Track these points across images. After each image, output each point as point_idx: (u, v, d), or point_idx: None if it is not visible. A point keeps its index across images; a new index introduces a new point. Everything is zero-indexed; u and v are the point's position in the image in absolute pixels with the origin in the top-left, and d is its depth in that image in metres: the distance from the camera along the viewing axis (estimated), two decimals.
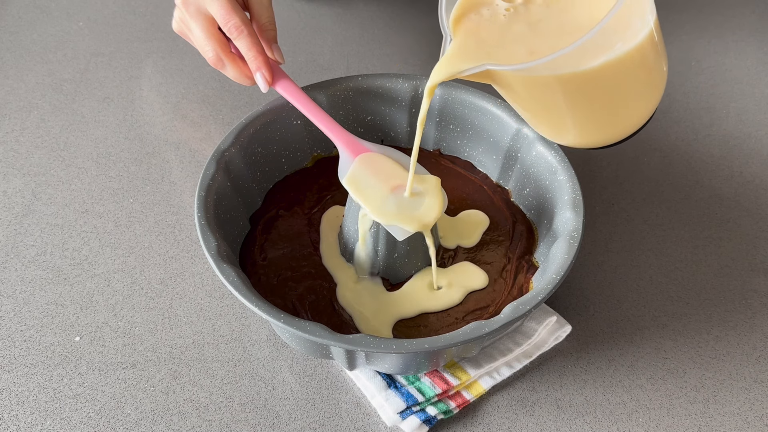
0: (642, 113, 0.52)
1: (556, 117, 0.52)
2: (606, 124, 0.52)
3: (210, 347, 0.57)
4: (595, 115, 0.51)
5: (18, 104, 0.76)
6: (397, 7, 0.91)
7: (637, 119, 0.52)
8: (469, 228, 0.62)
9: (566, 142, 0.56)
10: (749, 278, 0.64)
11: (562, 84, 0.47)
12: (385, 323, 0.55)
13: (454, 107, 0.65)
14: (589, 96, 0.49)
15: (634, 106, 0.51)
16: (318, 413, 0.54)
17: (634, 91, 0.50)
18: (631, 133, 0.53)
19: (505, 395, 0.55)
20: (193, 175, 0.70)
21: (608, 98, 0.49)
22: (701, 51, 0.87)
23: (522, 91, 0.50)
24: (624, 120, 0.52)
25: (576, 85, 0.47)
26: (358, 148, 0.58)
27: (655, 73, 0.50)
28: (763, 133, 0.77)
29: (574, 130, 0.53)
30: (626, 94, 0.50)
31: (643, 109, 0.52)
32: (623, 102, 0.51)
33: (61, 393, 0.54)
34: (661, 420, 0.54)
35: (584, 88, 0.48)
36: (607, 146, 0.54)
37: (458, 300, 0.57)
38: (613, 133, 0.53)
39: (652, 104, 0.52)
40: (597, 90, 0.48)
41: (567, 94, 0.48)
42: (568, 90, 0.48)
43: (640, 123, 0.53)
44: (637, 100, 0.51)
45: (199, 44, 0.61)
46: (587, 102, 0.49)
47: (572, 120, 0.51)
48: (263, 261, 0.59)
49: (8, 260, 0.62)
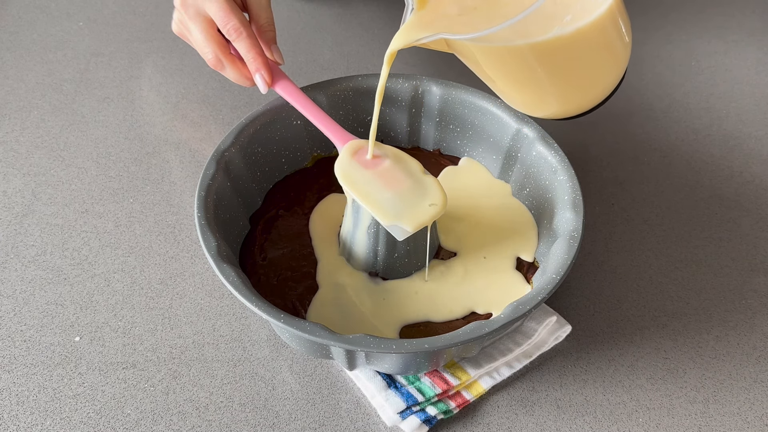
0: (605, 84, 0.52)
1: (517, 87, 0.53)
2: (567, 95, 0.53)
3: (210, 347, 0.57)
4: (555, 87, 0.52)
5: (18, 104, 0.76)
6: (397, 7, 0.91)
7: (601, 90, 0.53)
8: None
9: (533, 113, 0.57)
10: (749, 278, 0.64)
11: (517, 55, 0.48)
12: (389, 326, 0.55)
13: (454, 107, 0.65)
14: (545, 67, 0.49)
15: (594, 78, 0.52)
16: (318, 413, 0.54)
17: (592, 63, 0.51)
18: (596, 103, 0.54)
19: (505, 395, 0.55)
20: (193, 175, 0.70)
21: (565, 70, 0.50)
22: (701, 51, 0.87)
23: (482, 61, 0.51)
24: (585, 91, 0.53)
25: (531, 55, 0.48)
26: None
27: (616, 47, 0.51)
28: (763, 133, 0.77)
29: (538, 101, 0.53)
30: (584, 66, 0.51)
31: (606, 79, 0.52)
32: (582, 74, 0.51)
33: (61, 393, 0.54)
34: (661, 420, 0.54)
35: (540, 59, 0.48)
36: (575, 116, 0.54)
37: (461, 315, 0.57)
38: (575, 104, 0.53)
39: (614, 75, 0.52)
40: (553, 61, 0.49)
41: (522, 65, 0.49)
42: (523, 61, 0.49)
43: (604, 94, 0.53)
44: (597, 72, 0.51)
45: (198, 46, 0.61)
46: (545, 73, 0.50)
47: (533, 90, 0.52)
48: (263, 261, 0.59)
49: (8, 260, 0.62)
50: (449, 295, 0.57)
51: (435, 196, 0.54)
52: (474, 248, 0.60)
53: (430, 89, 0.65)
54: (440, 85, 0.65)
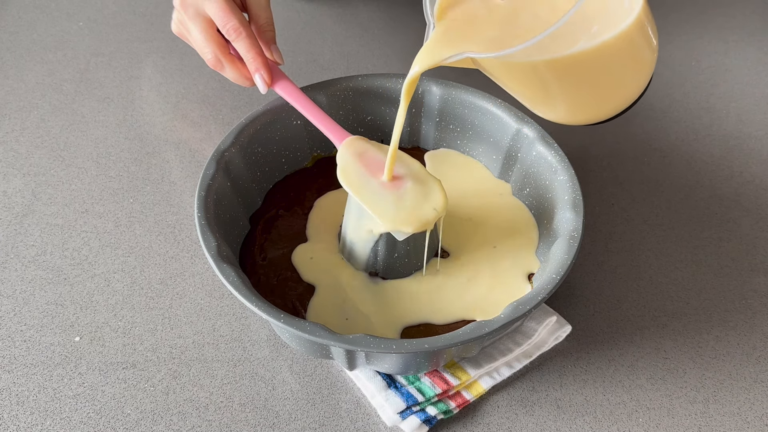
0: (633, 91, 0.52)
1: (542, 98, 0.52)
2: (594, 105, 0.52)
3: (210, 347, 0.57)
4: (581, 97, 0.51)
5: (18, 104, 0.76)
6: (397, 7, 0.91)
7: (629, 97, 0.52)
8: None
9: (558, 120, 0.56)
10: (749, 278, 0.64)
11: (542, 70, 0.47)
12: (389, 326, 0.55)
13: (454, 107, 0.65)
14: (571, 80, 0.49)
15: (622, 87, 0.51)
16: (318, 413, 0.54)
17: (620, 74, 0.50)
18: (624, 108, 0.53)
19: (505, 395, 0.55)
20: (193, 175, 0.70)
21: (592, 82, 0.49)
22: (701, 51, 0.87)
23: (506, 76, 0.51)
24: (613, 100, 0.52)
25: (556, 70, 0.47)
26: None
27: (644, 55, 0.50)
28: (763, 133, 0.77)
29: (562, 111, 0.53)
30: (611, 77, 0.50)
31: (634, 87, 0.52)
32: (610, 85, 0.51)
33: (61, 393, 0.54)
34: (661, 420, 0.54)
35: (565, 73, 0.48)
36: (601, 122, 0.54)
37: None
38: (603, 112, 0.53)
39: (641, 82, 0.52)
40: (579, 74, 0.48)
41: (548, 79, 0.49)
42: (549, 75, 0.48)
43: (633, 99, 0.53)
44: (625, 82, 0.51)
45: (197, 46, 0.61)
46: (570, 85, 0.49)
47: (558, 101, 0.52)
48: (263, 261, 0.59)
49: (8, 260, 0.62)
50: (449, 296, 0.57)
51: (436, 199, 0.54)
52: (474, 248, 0.60)
53: (430, 89, 0.65)
54: (440, 85, 0.65)
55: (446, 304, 0.57)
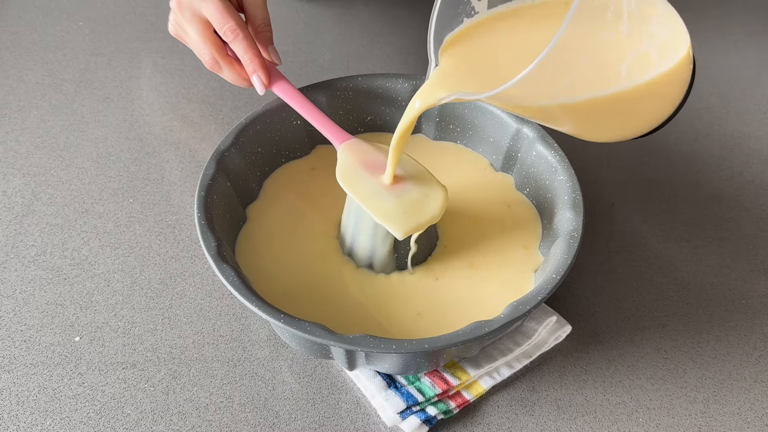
0: (657, 118, 0.48)
1: (561, 128, 0.50)
2: (612, 133, 0.49)
3: (210, 347, 0.57)
4: (597, 132, 0.48)
5: (18, 104, 0.76)
6: (397, 7, 0.91)
7: (655, 122, 0.49)
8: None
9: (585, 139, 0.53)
10: (749, 278, 0.63)
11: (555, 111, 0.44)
12: (391, 321, 0.55)
13: (454, 107, 0.65)
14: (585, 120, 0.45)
15: (642, 121, 0.48)
16: (318, 413, 0.54)
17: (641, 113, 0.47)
18: (656, 126, 0.49)
19: (505, 395, 0.55)
20: (193, 175, 0.70)
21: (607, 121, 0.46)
22: (701, 51, 0.87)
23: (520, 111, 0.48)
24: (631, 130, 0.48)
25: (566, 113, 0.44)
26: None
27: (677, 88, 0.46)
28: (763, 133, 0.77)
29: (584, 135, 0.50)
30: (629, 118, 0.47)
31: (658, 116, 0.48)
32: (627, 123, 0.47)
33: (61, 393, 0.54)
34: (661, 420, 0.54)
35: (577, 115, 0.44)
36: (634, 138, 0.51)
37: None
38: (629, 135, 0.49)
39: (669, 109, 0.48)
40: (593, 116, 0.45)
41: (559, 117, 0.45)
42: (560, 115, 0.45)
43: (657, 123, 0.49)
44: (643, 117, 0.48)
45: (195, 48, 0.61)
46: (583, 123, 0.46)
47: (575, 130, 0.49)
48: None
49: (8, 260, 0.62)
50: (448, 293, 0.57)
51: (435, 203, 0.54)
52: (475, 243, 0.60)
53: None
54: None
55: (447, 301, 0.57)
